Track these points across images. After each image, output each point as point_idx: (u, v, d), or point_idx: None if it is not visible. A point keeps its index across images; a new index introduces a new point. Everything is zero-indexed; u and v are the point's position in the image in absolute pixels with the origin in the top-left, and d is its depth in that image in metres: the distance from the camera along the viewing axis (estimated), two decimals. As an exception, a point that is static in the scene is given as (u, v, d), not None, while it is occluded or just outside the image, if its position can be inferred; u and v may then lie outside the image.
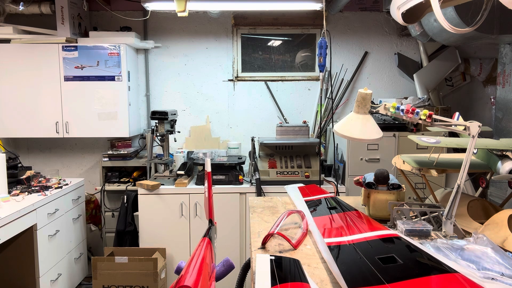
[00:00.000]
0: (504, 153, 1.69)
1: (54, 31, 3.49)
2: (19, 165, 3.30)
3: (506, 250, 1.30)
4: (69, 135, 3.59)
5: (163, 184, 3.36)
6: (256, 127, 4.03)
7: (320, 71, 3.04)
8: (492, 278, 1.10)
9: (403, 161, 1.92)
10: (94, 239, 3.91)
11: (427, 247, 1.30)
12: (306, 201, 1.97)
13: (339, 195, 3.00)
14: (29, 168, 3.40)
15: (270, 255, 1.33)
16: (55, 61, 3.50)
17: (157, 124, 3.41)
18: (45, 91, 3.54)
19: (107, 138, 3.93)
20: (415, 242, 1.32)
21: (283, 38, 4.04)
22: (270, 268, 1.22)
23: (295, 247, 1.46)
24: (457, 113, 1.83)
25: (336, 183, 3.32)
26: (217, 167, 3.37)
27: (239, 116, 4.05)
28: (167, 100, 4.03)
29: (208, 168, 1.80)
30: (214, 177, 3.35)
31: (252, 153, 3.46)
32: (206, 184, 1.84)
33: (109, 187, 3.76)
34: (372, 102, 1.75)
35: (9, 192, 2.93)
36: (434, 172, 1.83)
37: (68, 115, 3.56)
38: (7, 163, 3.00)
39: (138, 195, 3.32)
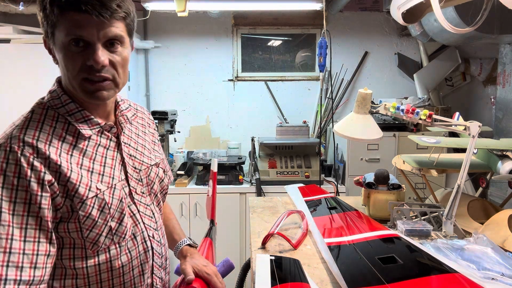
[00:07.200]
0: (504, 153, 1.69)
1: (54, 31, 3.49)
2: (19, 165, 3.30)
3: (506, 250, 1.30)
4: (69, 135, 3.58)
5: (163, 184, 3.36)
6: (256, 127, 4.03)
7: (320, 71, 3.04)
8: (492, 278, 1.10)
9: (403, 161, 1.92)
10: (94, 239, 3.91)
11: (427, 247, 1.30)
12: (306, 201, 1.97)
13: (339, 195, 3.00)
14: (29, 168, 3.39)
15: (270, 255, 1.33)
16: (55, 61, 3.49)
17: (157, 124, 3.41)
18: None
19: (107, 138, 3.92)
20: (415, 242, 1.32)
21: (283, 38, 4.04)
22: (270, 268, 1.21)
23: (295, 247, 1.46)
24: (457, 113, 1.83)
25: (336, 183, 3.32)
26: (217, 167, 3.35)
27: (239, 116, 4.05)
28: (167, 100, 4.03)
29: (215, 168, 1.79)
30: (214, 177, 3.35)
31: (252, 153, 3.46)
32: (210, 183, 1.83)
33: (109, 187, 3.75)
34: (372, 102, 1.75)
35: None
36: (434, 172, 1.83)
37: (68, 115, 3.55)
38: (7, 163, 2.99)
39: (138, 195, 3.32)
